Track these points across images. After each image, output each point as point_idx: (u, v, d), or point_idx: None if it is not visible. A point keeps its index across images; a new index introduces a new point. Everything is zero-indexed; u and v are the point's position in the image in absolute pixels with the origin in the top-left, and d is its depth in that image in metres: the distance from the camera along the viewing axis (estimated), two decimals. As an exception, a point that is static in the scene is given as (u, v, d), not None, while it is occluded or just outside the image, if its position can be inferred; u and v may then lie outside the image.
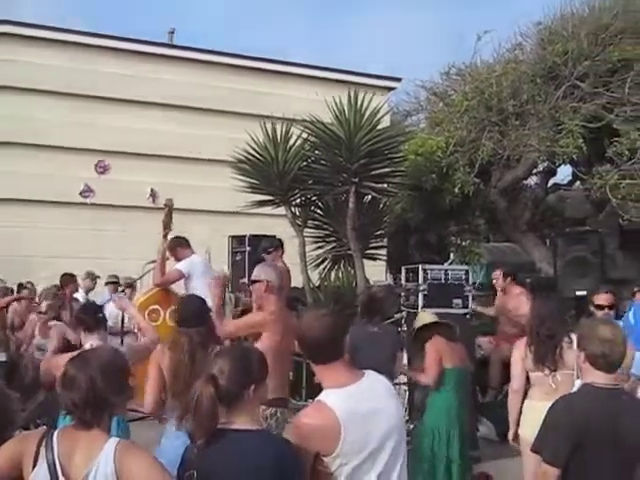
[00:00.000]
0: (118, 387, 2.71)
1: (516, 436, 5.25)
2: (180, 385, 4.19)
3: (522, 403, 5.27)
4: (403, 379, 7.31)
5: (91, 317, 4.87)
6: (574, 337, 4.09)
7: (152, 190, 14.63)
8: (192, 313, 4.58)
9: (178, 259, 8.09)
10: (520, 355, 5.25)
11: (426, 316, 6.12)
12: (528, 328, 5.31)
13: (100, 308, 5.19)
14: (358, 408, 2.80)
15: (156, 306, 8.05)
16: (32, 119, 13.50)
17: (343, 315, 5.14)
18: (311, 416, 2.80)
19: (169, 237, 8.04)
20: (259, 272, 5.29)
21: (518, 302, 8.49)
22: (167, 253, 8.04)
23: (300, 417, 2.82)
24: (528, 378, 5.25)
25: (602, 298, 5.93)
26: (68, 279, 9.84)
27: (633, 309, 5.83)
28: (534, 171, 12.43)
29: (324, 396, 2.83)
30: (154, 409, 4.52)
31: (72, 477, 2.54)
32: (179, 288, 8.22)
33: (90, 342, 4.65)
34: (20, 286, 9.60)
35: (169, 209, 8.01)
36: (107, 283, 10.46)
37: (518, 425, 5.23)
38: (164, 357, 4.45)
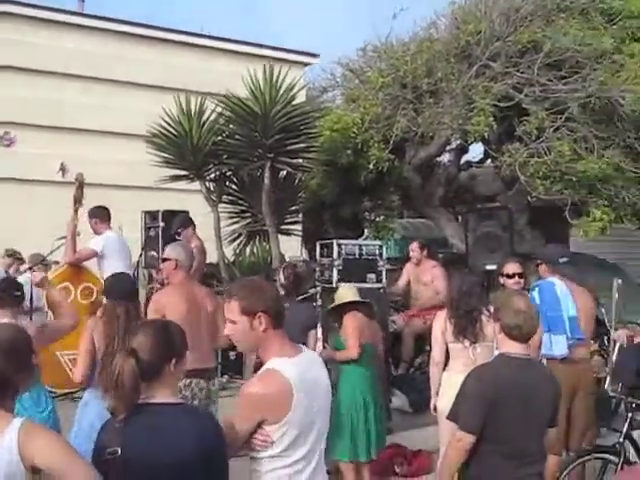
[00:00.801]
0: (20, 366, 2.63)
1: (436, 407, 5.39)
2: (111, 358, 4.18)
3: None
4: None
5: (6, 294, 4.68)
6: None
7: (62, 164, 14.21)
8: (126, 289, 4.69)
9: (95, 231, 7.94)
10: (440, 328, 5.37)
11: (348, 293, 6.11)
12: (448, 302, 5.44)
13: (20, 285, 4.97)
14: (305, 377, 2.81)
15: (67, 283, 7.88)
16: None
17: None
18: (264, 383, 2.78)
19: (79, 212, 7.87)
20: (169, 251, 5.53)
21: (433, 274, 8.69)
22: (78, 229, 7.86)
23: (251, 384, 2.81)
24: (447, 350, 5.39)
25: (512, 267, 6.12)
26: None
27: (538, 288, 5.99)
28: (447, 148, 12.60)
29: (274, 364, 2.81)
30: (84, 381, 4.53)
31: None
32: (90, 264, 8.07)
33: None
34: None
35: (80, 183, 7.85)
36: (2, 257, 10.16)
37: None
38: (97, 329, 4.44)
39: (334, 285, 8.13)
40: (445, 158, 13.47)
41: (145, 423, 2.61)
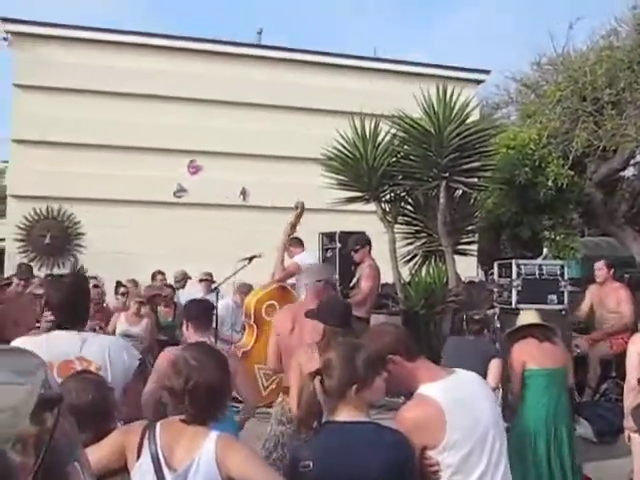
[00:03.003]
0: (230, 384, 2.81)
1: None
2: None
3: None
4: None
5: (206, 315, 4.68)
6: None
7: (243, 189, 14.89)
8: (347, 315, 4.51)
9: (292, 257, 8.31)
10: (637, 351, 5.06)
11: (527, 318, 5.83)
12: None
13: (213, 306, 5.03)
14: (458, 397, 2.80)
15: (273, 302, 8.21)
16: (124, 122, 13.96)
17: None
18: (414, 409, 2.81)
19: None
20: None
21: (618, 297, 8.24)
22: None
23: (402, 412, 2.82)
24: None
25: None
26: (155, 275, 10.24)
27: None
28: (632, 162, 12.02)
29: (422, 389, 2.83)
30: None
31: (175, 468, 2.59)
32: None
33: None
34: (119, 284, 9.90)
35: (301, 210, 8.13)
36: (201, 280, 10.66)
37: None
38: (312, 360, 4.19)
39: (513, 306, 7.91)
40: (629, 172, 12.83)
41: (333, 440, 2.65)
